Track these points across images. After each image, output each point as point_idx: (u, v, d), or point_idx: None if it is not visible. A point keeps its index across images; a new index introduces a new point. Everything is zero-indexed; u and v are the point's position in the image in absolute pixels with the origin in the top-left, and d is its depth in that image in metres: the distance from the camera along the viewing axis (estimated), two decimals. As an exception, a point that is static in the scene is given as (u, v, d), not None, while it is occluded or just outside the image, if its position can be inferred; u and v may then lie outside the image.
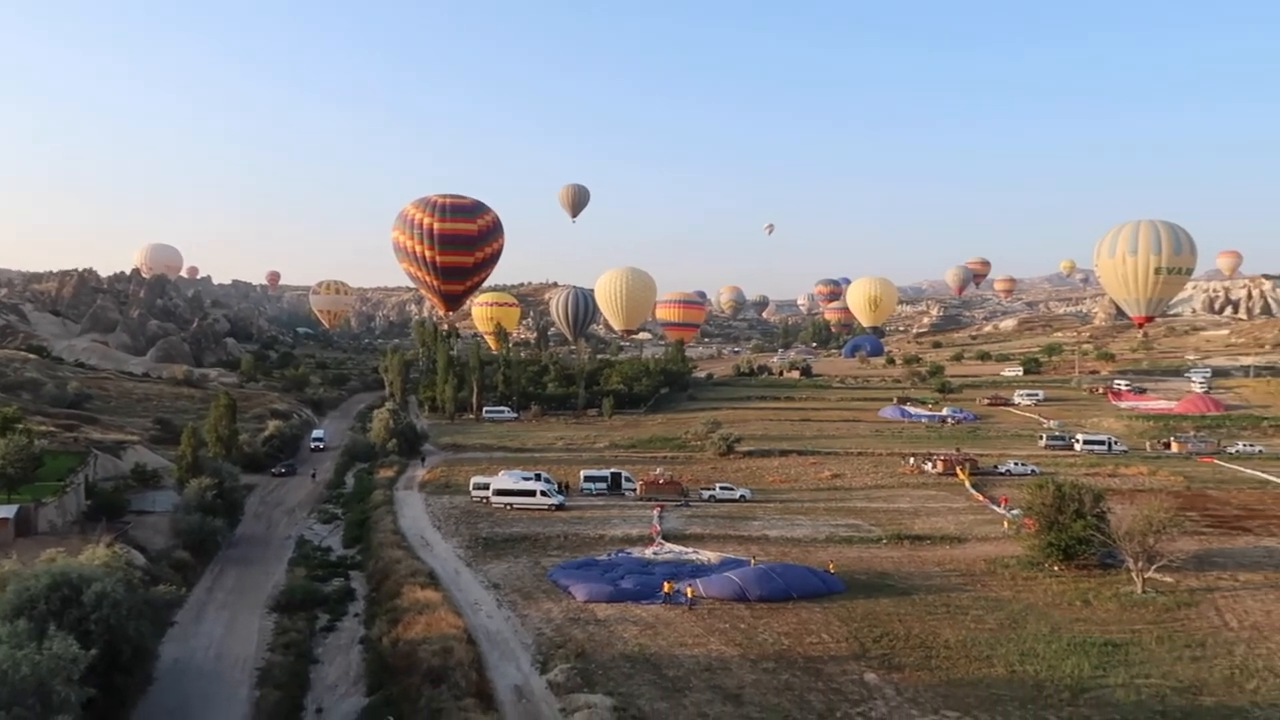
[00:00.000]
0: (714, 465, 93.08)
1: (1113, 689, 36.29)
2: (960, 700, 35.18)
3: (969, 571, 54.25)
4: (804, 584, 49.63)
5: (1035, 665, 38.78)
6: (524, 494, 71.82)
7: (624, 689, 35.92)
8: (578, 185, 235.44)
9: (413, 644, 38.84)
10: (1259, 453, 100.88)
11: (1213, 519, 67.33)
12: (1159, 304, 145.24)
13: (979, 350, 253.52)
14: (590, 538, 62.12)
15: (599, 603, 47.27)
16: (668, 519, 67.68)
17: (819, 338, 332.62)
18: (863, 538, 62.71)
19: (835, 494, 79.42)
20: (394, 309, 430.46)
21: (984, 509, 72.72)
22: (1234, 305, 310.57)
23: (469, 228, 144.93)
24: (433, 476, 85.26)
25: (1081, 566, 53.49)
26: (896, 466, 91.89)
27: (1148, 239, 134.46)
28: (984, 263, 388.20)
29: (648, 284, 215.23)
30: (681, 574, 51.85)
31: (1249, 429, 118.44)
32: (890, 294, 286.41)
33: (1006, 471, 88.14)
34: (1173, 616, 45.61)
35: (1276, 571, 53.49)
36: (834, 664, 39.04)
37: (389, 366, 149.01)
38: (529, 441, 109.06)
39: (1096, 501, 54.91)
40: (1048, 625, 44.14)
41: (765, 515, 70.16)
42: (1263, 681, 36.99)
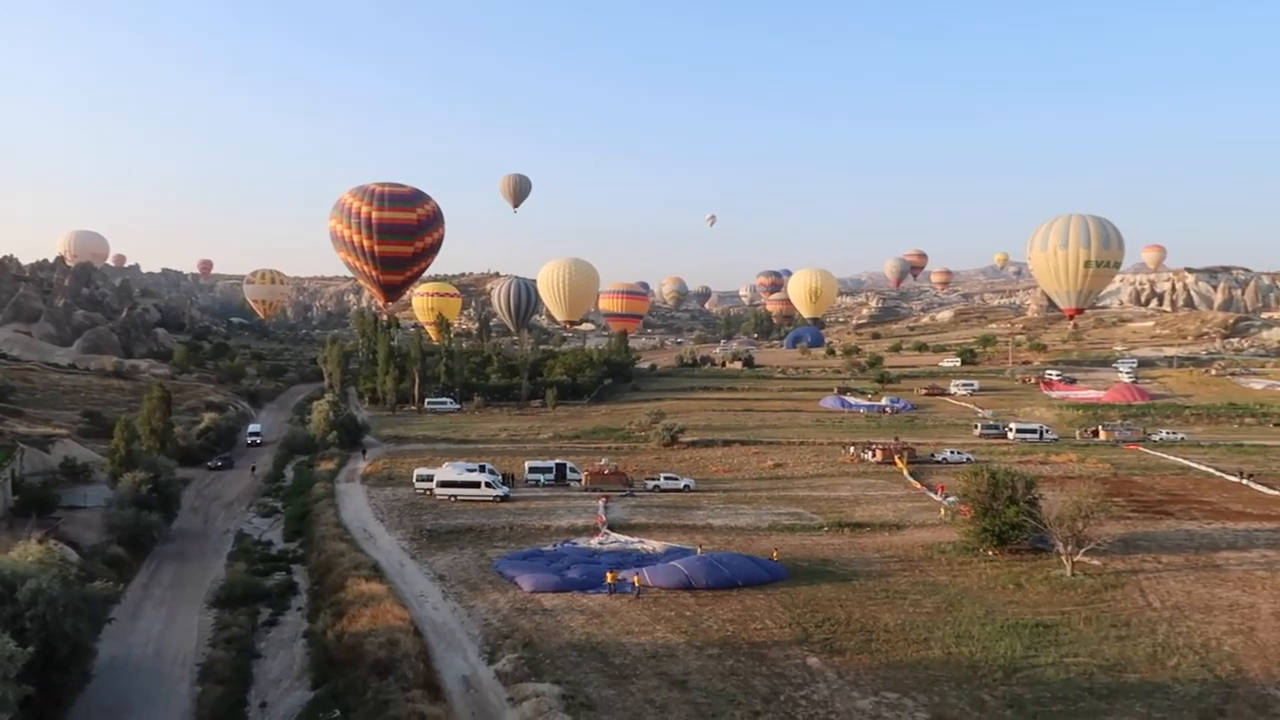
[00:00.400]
0: (658, 455, 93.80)
1: (1043, 668, 37.61)
2: (899, 682, 36.15)
3: (907, 557, 55.58)
4: (748, 572, 50.39)
5: (970, 647, 39.98)
6: (468, 486, 71.62)
7: (571, 677, 36.20)
8: (519, 175, 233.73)
9: (358, 637, 38.61)
10: (1181, 440, 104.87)
11: (1138, 504, 69.89)
12: (1089, 296, 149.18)
13: (916, 341, 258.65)
14: (536, 528, 62.25)
15: (545, 593, 47.45)
16: (613, 509, 68.08)
17: (761, 329, 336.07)
18: (805, 526, 63.84)
19: (777, 483, 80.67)
20: (332, 299, 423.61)
21: (921, 496, 74.49)
22: (1159, 298, 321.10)
23: (408, 217, 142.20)
24: (375, 469, 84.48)
25: (1014, 551, 55.14)
26: (837, 455, 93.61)
27: (1078, 233, 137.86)
28: (921, 255, 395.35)
29: (591, 274, 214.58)
30: (627, 563, 52.32)
31: (1172, 417, 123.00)
32: (830, 286, 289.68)
33: (943, 460, 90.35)
34: (1100, 598, 47.32)
35: (1196, 554, 55.80)
36: (778, 649, 39.79)
37: (328, 357, 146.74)
38: (472, 433, 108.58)
39: (1028, 488, 56.59)
40: (982, 608, 45.49)
41: (709, 504, 71.02)
42: (1183, 659, 38.65)
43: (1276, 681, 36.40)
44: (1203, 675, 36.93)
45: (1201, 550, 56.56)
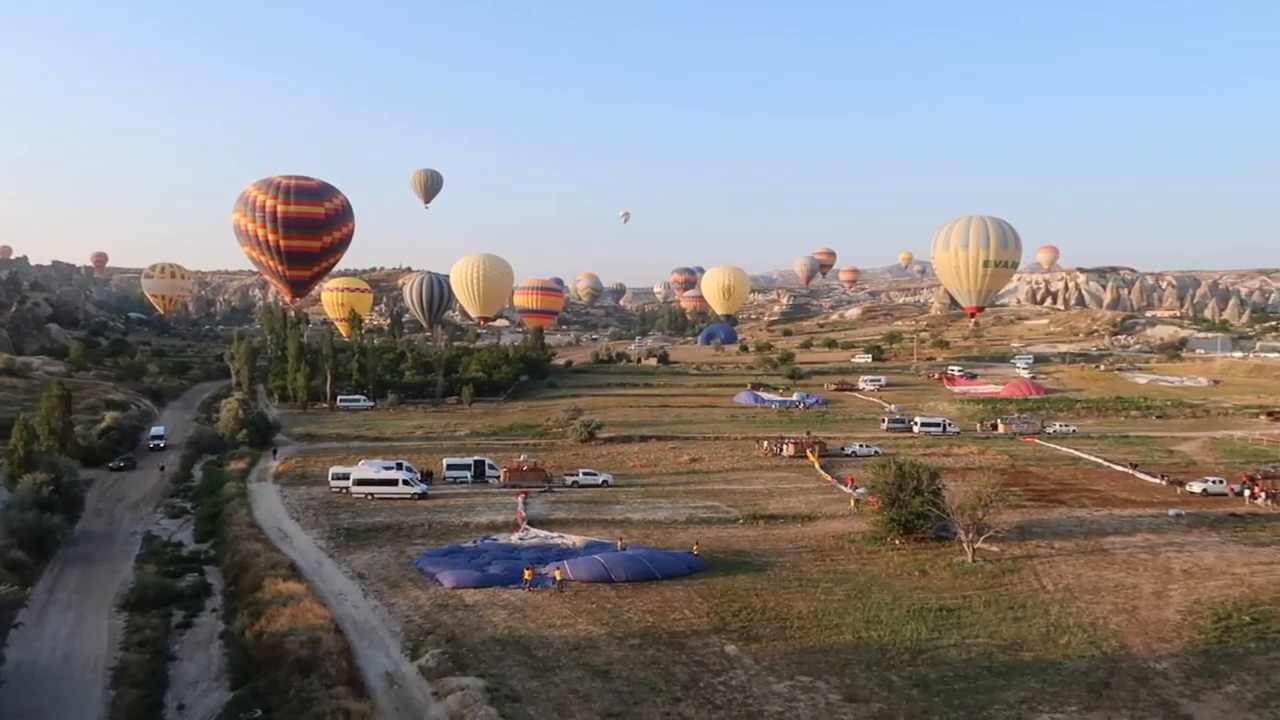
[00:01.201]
0: (576, 452, 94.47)
1: (947, 649, 39.72)
2: (813, 666, 37.73)
3: (819, 547, 57.53)
4: (667, 564, 51.57)
5: (879, 631, 41.89)
6: (386, 483, 71.13)
7: (495, 670, 36.75)
8: (430, 170, 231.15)
9: (278, 636, 38.37)
10: (1073, 432, 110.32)
11: (1033, 493, 73.51)
12: (988, 295, 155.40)
13: (826, 338, 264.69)
14: (455, 525, 62.32)
15: (467, 589, 47.79)
16: (532, 505, 68.54)
17: (675, 325, 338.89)
18: (721, 518, 65.38)
19: (694, 477, 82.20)
20: (236, 294, 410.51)
21: (832, 489, 76.89)
22: (1053, 296, 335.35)
23: (315, 211, 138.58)
24: (287, 468, 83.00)
25: (920, 539, 57.63)
26: (751, 450, 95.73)
27: (977, 234, 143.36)
28: (830, 253, 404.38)
29: (505, 270, 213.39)
30: (548, 558, 53.01)
31: (1064, 411, 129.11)
32: (743, 283, 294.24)
33: (852, 453, 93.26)
34: (998, 582, 49.94)
35: (1086, 539, 59.23)
36: (696, 638, 41.02)
37: (235, 354, 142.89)
38: (387, 430, 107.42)
39: (933, 479, 59.25)
40: (890, 594, 47.57)
41: (628, 499, 72.07)
42: (1073, 637, 41.25)
43: (1156, 656, 39.19)
44: (1091, 652, 39.49)
45: (1090, 536, 60.05)
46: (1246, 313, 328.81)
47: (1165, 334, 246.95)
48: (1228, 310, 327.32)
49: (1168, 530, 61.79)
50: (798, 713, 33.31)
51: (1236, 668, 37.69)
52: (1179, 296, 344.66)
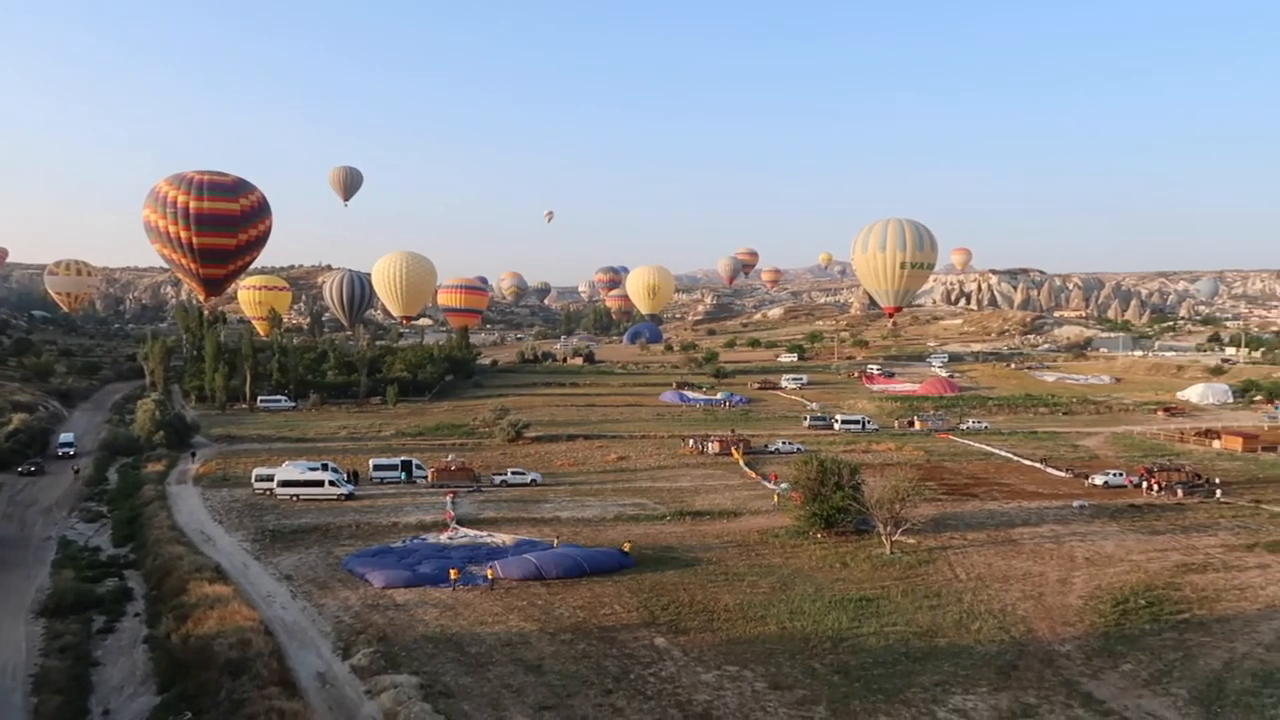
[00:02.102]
0: (504, 451, 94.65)
1: (866, 637, 41.40)
2: (739, 656, 39.00)
3: (744, 542, 59.03)
4: (596, 561, 52.38)
5: (803, 621, 43.40)
6: (311, 485, 70.47)
7: (429, 668, 37.10)
8: (349, 167, 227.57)
9: (206, 639, 38.09)
10: (985, 429, 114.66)
11: (947, 487, 76.52)
12: (906, 296, 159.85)
13: (750, 337, 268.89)
14: (384, 526, 62.17)
15: (397, 588, 47.91)
16: (461, 504, 68.69)
17: (600, 324, 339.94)
18: (648, 515, 66.48)
19: (622, 475, 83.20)
20: (147, 291, 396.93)
21: (756, 485, 78.70)
22: (967, 297, 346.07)
23: (230, 207, 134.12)
24: (208, 469, 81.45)
25: (840, 533, 59.59)
26: (677, 448, 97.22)
27: (895, 237, 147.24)
28: (752, 253, 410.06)
29: (428, 269, 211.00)
30: (478, 557, 53.45)
31: (978, 408, 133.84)
32: (668, 282, 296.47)
33: (775, 450, 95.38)
34: (915, 573, 52.03)
35: (997, 530, 61.99)
36: (626, 632, 41.96)
37: (149, 354, 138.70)
38: (310, 431, 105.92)
39: (853, 475, 61.25)
40: (812, 586, 49.21)
41: (556, 498, 72.71)
42: (984, 623, 43.36)
43: (1060, 639, 41.47)
44: (1000, 636, 41.60)
45: (1001, 527, 62.84)
46: (1147, 313, 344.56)
47: (1072, 334, 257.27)
48: (1129, 311, 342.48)
49: (1072, 521, 64.97)
50: (725, 701, 34.46)
51: (1132, 648, 40.14)
52: (1085, 298, 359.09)
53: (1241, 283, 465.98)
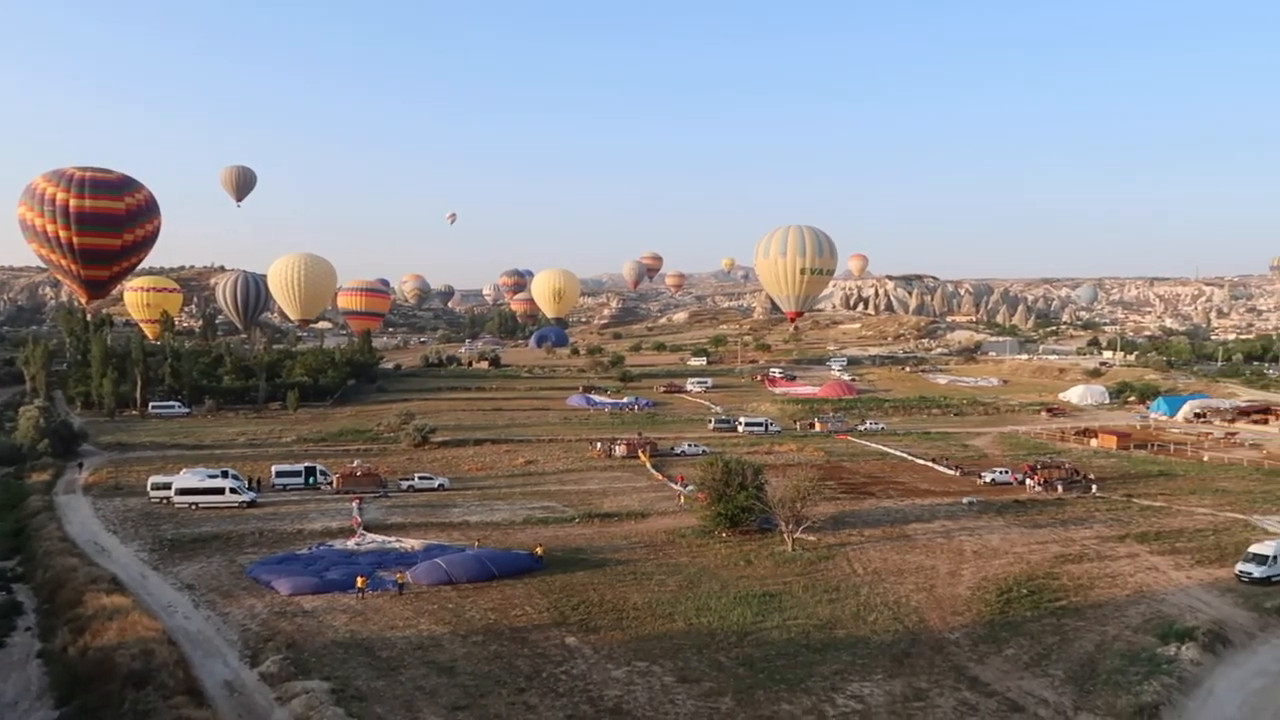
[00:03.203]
0: (410, 456, 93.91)
1: (769, 631, 43.04)
2: (648, 652, 40.11)
3: (652, 542, 60.28)
4: (506, 563, 52.79)
5: (709, 617, 44.81)
6: (211, 492, 68.80)
7: (340, 673, 37.09)
8: (242, 167, 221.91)
9: (106, 651, 37.21)
10: (882, 429, 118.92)
11: (846, 486, 79.41)
12: (807, 300, 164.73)
13: (655, 341, 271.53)
14: (288, 533, 61.28)
15: (305, 595, 47.50)
16: (368, 510, 68.11)
17: (506, 328, 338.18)
18: (557, 518, 67.18)
19: (530, 479, 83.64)
20: (23, 292, 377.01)
21: (663, 486, 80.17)
22: (865, 302, 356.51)
23: (115, 206, 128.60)
24: (99, 478, 78.60)
25: (745, 532, 61.43)
26: (585, 451, 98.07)
27: (795, 243, 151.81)
28: (656, 258, 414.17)
29: (327, 271, 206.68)
30: (387, 562, 53.29)
31: (875, 409, 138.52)
32: (573, 286, 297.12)
33: (682, 452, 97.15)
34: (815, 569, 54.10)
35: (892, 527, 64.79)
36: (538, 632, 42.65)
37: (30, 358, 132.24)
38: (206, 438, 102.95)
39: (756, 475, 63.21)
40: (718, 583, 50.73)
41: (464, 502, 72.75)
42: (880, 614, 45.52)
43: (950, 627, 43.88)
44: (895, 627, 43.76)
45: (896, 524, 65.67)
46: (1032, 318, 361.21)
47: (963, 338, 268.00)
48: (1016, 316, 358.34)
49: (961, 517, 68.31)
50: (635, 696, 35.49)
51: (1015, 634, 42.76)
52: (975, 303, 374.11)
53: (1118, 289, 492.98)
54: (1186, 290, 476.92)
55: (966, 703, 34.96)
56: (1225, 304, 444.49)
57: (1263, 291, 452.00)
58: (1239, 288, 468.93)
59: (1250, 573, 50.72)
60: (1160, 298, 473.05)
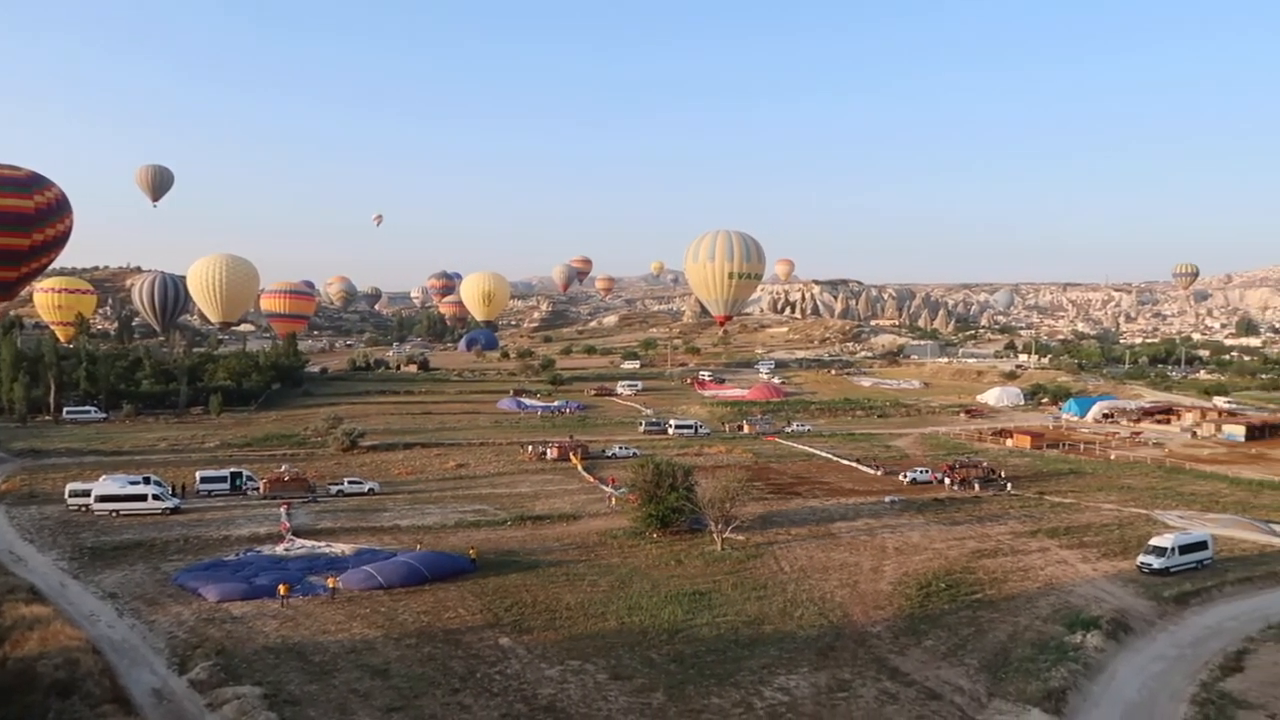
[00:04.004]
0: (338, 461, 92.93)
1: (699, 628, 44.16)
2: (581, 651, 40.85)
3: (584, 544, 61.00)
4: (437, 566, 52.89)
5: (640, 616, 45.74)
6: (132, 499, 67.27)
7: (272, 678, 36.98)
8: (158, 166, 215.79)
9: (27, 661, 36.51)
10: (808, 431, 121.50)
11: (773, 487, 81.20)
12: (736, 304, 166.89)
13: (586, 344, 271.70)
14: (214, 539, 60.33)
15: (233, 601, 47.02)
16: (297, 515, 67.40)
17: (435, 331, 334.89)
18: (489, 521, 67.40)
19: (461, 482, 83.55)
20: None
21: (595, 489, 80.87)
22: (792, 306, 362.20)
23: (23, 205, 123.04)
24: (11, 486, 76.10)
25: (675, 532, 62.56)
26: (516, 454, 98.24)
27: (724, 247, 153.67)
28: (586, 261, 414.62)
29: (249, 273, 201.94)
30: (317, 567, 53.00)
31: (801, 412, 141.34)
32: (503, 289, 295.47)
33: (613, 455, 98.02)
34: (744, 567, 55.45)
35: (818, 525, 66.61)
36: (471, 634, 43.03)
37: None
38: (126, 444, 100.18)
39: (686, 477, 64.45)
40: (649, 583, 51.70)
41: (395, 506, 72.43)
42: (806, 610, 47.02)
43: (872, 621, 45.56)
44: (820, 622, 45.28)
45: (822, 522, 67.53)
46: (952, 322, 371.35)
47: (886, 341, 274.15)
48: (937, 320, 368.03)
49: (884, 515, 70.54)
50: (569, 693, 36.19)
51: (934, 626, 44.64)
52: (898, 307, 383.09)
53: (1034, 294, 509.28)
54: (1097, 295, 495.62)
55: (887, 692, 36.51)
56: (1133, 309, 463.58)
57: (1167, 297, 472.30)
58: (1145, 293, 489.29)
59: (1150, 564, 53.72)
60: (1073, 303, 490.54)
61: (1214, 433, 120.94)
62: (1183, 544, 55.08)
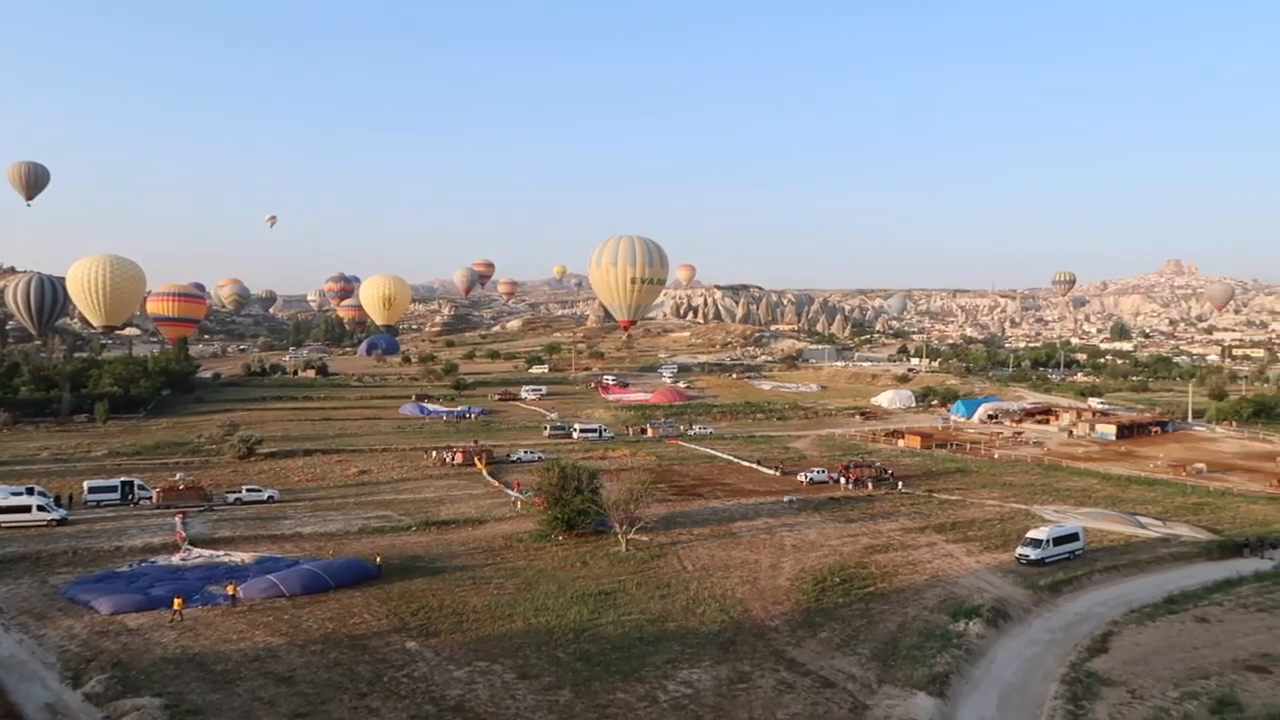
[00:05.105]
0: (235, 468, 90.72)
1: (605, 626, 45.18)
2: (489, 652, 41.41)
3: (490, 548, 61.38)
4: (340, 573, 52.58)
5: (547, 617, 46.50)
6: (14, 511, 64.58)
7: (172, 688, 36.42)
8: (32, 163, 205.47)
9: (-93, 680, 35.23)
10: (710, 434, 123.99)
11: (676, 488, 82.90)
12: (639, 309, 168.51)
13: (489, 349, 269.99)
14: (105, 551, 58.51)
15: (128, 613, 45.88)
16: (192, 524, 65.82)
17: (333, 335, 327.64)
18: (394, 527, 67.09)
19: (364, 489, 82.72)
20: None
21: (500, 493, 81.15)
22: (694, 311, 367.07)
23: None
24: (-122, 500, 71.95)
25: (580, 534, 63.48)
26: (420, 460, 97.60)
27: (626, 253, 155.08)
28: (488, 264, 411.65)
29: (135, 274, 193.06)
30: (217, 576, 52.09)
31: (703, 415, 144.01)
32: (404, 292, 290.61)
33: (518, 459, 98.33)
34: (648, 567, 56.75)
35: (719, 525, 68.44)
36: (378, 639, 43.08)
37: None
38: (4, 453, 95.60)
39: (591, 479, 65.39)
40: (555, 584, 52.49)
41: (296, 513, 71.36)
42: (708, 607, 48.53)
43: (771, 616, 47.35)
44: (722, 618, 46.81)
45: (723, 522, 69.39)
46: (849, 327, 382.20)
47: (786, 346, 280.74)
48: (835, 325, 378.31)
49: (782, 514, 72.91)
50: (477, 693, 36.74)
51: (829, 619, 46.70)
52: (797, 312, 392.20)
53: (926, 300, 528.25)
54: (985, 301, 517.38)
55: (785, 682, 38.21)
56: (1017, 314, 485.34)
57: (1048, 303, 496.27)
58: (1029, 299, 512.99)
59: (1027, 555, 57.24)
60: (962, 308, 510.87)
61: (1088, 432, 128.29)
62: (1056, 536, 58.88)
